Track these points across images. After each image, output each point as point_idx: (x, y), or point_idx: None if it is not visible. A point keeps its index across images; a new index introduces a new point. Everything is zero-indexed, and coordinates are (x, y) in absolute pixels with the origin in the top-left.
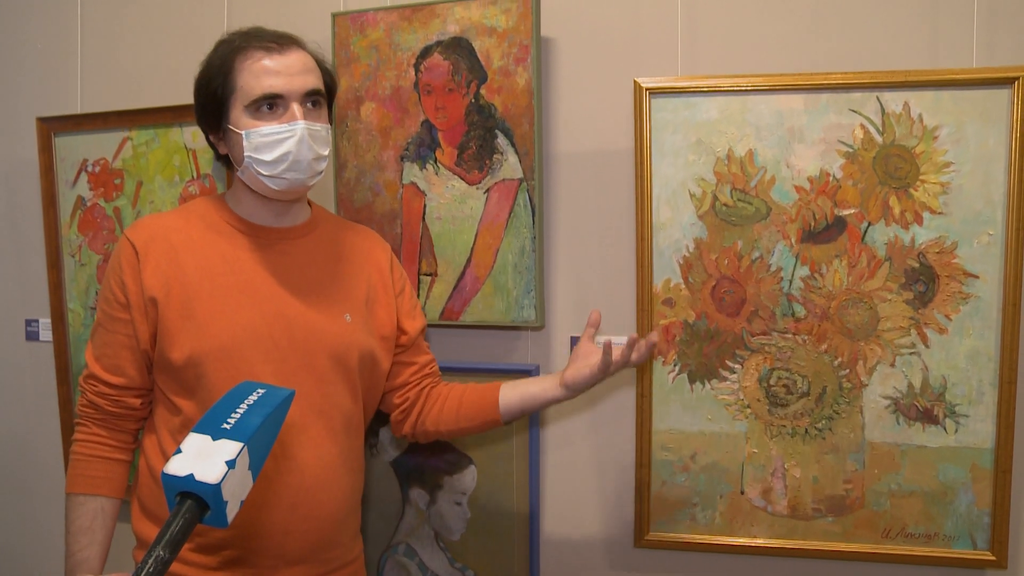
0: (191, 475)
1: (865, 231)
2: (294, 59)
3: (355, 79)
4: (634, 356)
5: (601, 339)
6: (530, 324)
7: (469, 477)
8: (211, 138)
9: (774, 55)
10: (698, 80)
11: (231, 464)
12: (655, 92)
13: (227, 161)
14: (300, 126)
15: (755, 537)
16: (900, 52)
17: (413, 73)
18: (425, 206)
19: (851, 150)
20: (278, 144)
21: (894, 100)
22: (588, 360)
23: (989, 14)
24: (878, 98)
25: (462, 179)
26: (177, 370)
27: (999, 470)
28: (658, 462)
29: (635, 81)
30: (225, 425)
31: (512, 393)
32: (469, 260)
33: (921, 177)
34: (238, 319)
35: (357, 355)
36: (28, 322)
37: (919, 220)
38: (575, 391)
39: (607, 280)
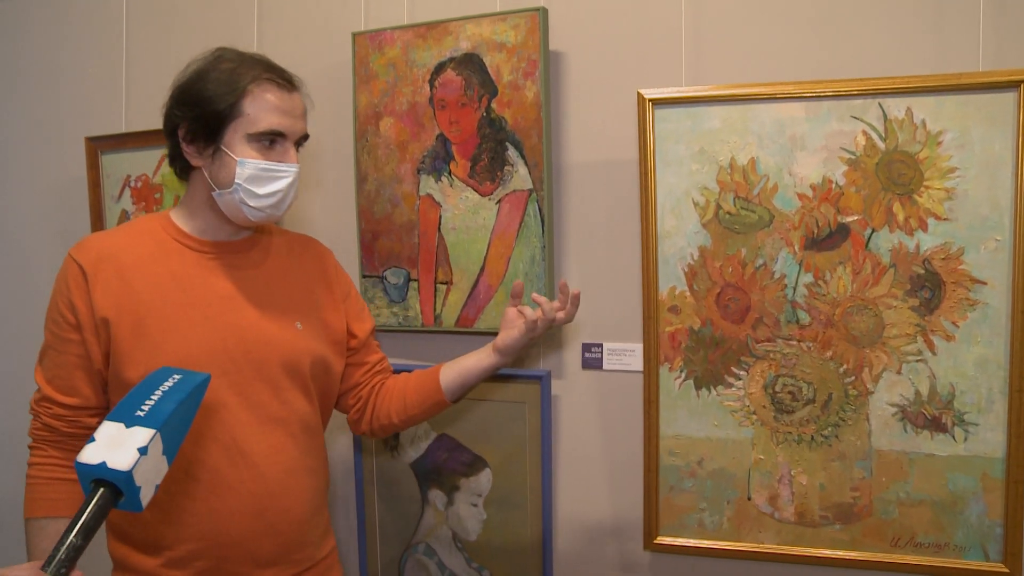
0: (103, 463)
1: (869, 238)
2: (298, 102)
3: (374, 95)
4: (561, 314)
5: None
6: None
7: (485, 479)
8: (187, 149)
9: (777, 64)
10: (700, 90)
11: (143, 451)
12: (658, 103)
13: (184, 173)
14: (296, 169)
15: (762, 543)
16: (904, 58)
17: (428, 89)
18: (441, 217)
19: (853, 157)
20: (273, 180)
21: (896, 106)
22: (515, 324)
23: (997, 16)
24: (880, 104)
25: (475, 190)
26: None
27: (1011, 480)
28: (666, 467)
29: (638, 92)
30: (139, 412)
31: (451, 372)
32: (482, 269)
33: (925, 183)
34: (192, 335)
35: (309, 361)
36: None
37: (924, 226)
38: (508, 354)
39: (614, 288)
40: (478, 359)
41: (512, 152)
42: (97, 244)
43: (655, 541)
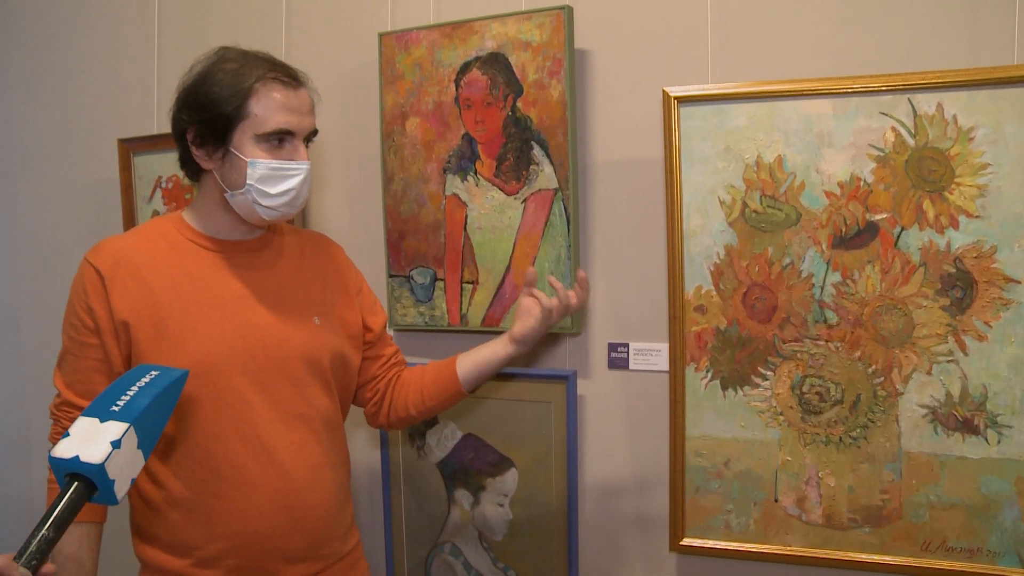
0: (76, 457)
1: (898, 236)
2: (304, 98)
3: (400, 95)
4: (574, 300)
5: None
6: (567, 330)
7: (511, 479)
8: (197, 152)
9: (804, 60)
10: (726, 87)
11: (116, 444)
12: (683, 100)
13: (195, 176)
14: (307, 166)
15: (789, 546)
16: (935, 51)
17: (454, 88)
18: (467, 216)
19: (882, 154)
20: (285, 179)
21: (926, 101)
22: (531, 313)
23: None
24: (910, 100)
25: (501, 190)
26: None
27: None
28: (692, 468)
29: (664, 90)
30: (114, 407)
31: (467, 362)
32: (508, 268)
33: (956, 180)
34: (211, 335)
35: (328, 356)
36: None
37: (955, 224)
38: (524, 343)
39: (640, 287)
40: (494, 349)
41: (538, 151)
42: (112, 247)
43: (681, 543)
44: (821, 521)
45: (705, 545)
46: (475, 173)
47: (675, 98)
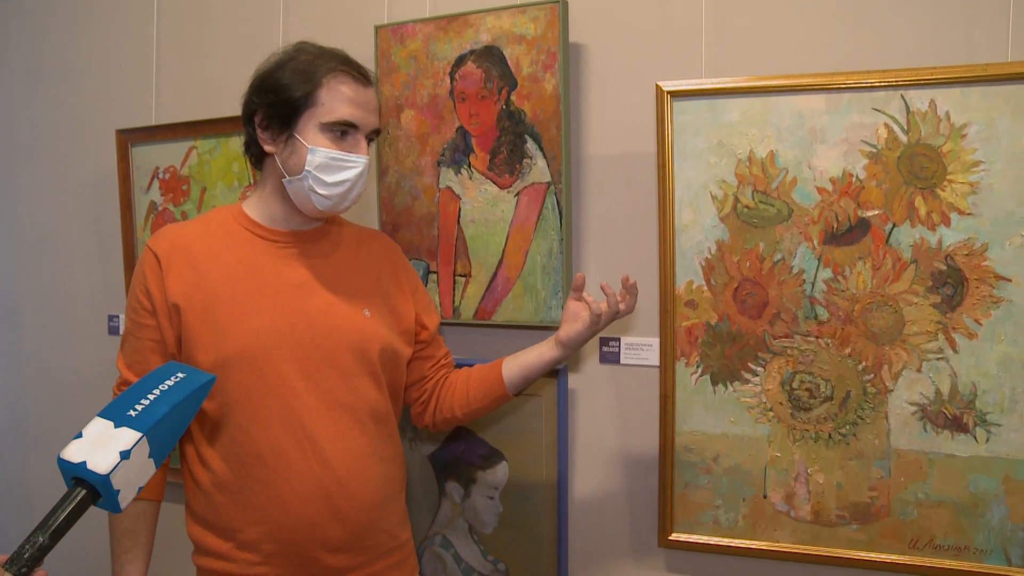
0: (84, 463)
1: (890, 233)
2: (371, 96)
3: (396, 88)
4: (623, 306)
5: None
6: (558, 324)
7: (501, 472)
8: (262, 135)
9: (798, 56)
10: (719, 82)
11: (125, 455)
12: (676, 95)
13: (258, 162)
14: (365, 160)
15: (778, 542)
16: (929, 48)
17: (449, 81)
18: (460, 209)
19: (874, 150)
20: (342, 170)
21: (919, 98)
22: (579, 316)
23: None
24: (903, 96)
25: (494, 183)
26: None
27: None
28: (681, 463)
29: (657, 84)
30: (131, 412)
31: (513, 365)
32: (501, 261)
33: (948, 177)
34: (260, 322)
35: (378, 348)
36: (110, 317)
37: (946, 221)
38: (570, 348)
39: None
40: (540, 353)
41: (531, 145)
42: (171, 234)
43: (669, 538)
44: (809, 517)
45: (693, 540)
46: (469, 166)
47: (668, 92)
